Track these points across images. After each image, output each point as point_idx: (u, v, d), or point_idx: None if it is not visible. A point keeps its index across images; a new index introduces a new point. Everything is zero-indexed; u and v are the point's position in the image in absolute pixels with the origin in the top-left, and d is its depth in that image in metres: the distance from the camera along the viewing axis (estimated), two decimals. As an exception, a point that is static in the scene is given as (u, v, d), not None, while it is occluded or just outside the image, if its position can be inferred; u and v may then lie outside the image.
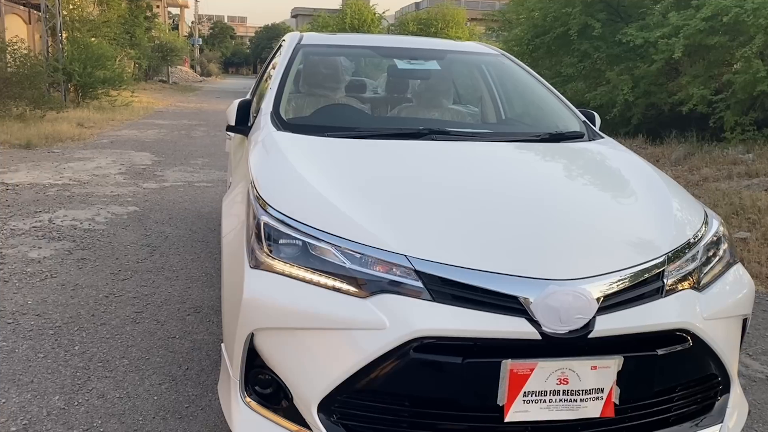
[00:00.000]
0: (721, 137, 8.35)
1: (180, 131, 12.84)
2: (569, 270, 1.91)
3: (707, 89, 8.24)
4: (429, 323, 1.82)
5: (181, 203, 6.50)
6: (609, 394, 1.90)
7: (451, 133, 2.91)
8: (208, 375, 2.97)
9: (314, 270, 1.97)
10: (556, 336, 1.84)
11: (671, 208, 2.33)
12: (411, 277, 1.89)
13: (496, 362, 1.82)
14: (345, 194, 2.18)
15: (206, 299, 3.91)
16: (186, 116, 16.34)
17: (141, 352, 3.18)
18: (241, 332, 2.02)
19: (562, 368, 1.86)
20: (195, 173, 8.22)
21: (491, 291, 1.86)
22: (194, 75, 42.18)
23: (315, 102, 3.50)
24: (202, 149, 10.41)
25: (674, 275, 2.05)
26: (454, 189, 2.28)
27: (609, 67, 9.98)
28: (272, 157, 2.52)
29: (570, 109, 3.34)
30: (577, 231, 2.10)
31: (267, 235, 2.08)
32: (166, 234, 5.34)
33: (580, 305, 1.85)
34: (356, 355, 1.85)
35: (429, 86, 3.81)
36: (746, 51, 7.50)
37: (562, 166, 2.65)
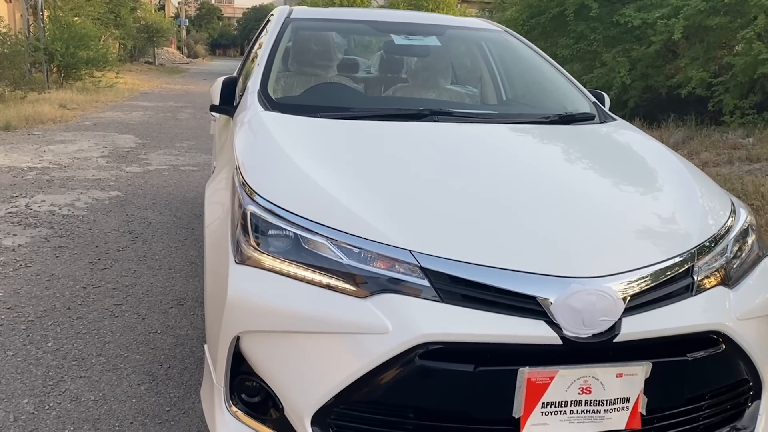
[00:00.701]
0: (720, 121, 8.18)
1: (166, 113, 12.52)
2: (592, 267, 1.71)
3: (706, 72, 8.05)
4: (437, 327, 1.62)
5: (166, 188, 6.25)
6: (635, 404, 1.71)
7: (455, 114, 2.69)
8: (192, 374, 2.76)
9: (307, 266, 1.76)
10: (579, 341, 1.64)
11: (697, 196, 2.14)
12: (416, 274, 1.69)
13: (512, 370, 1.63)
14: (341, 181, 1.97)
15: (190, 291, 3.69)
16: (172, 98, 15.98)
17: (119, 348, 2.96)
18: (226, 335, 1.81)
19: (585, 376, 1.66)
20: (180, 156, 7.96)
21: (506, 291, 1.65)
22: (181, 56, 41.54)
23: (305, 81, 3.27)
24: (188, 132, 10.12)
25: (704, 271, 1.86)
26: (462, 177, 2.07)
27: (606, 48, 9.75)
28: (260, 139, 2.30)
29: (579, 89, 3.13)
30: (599, 223, 1.90)
31: (254, 226, 1.87)
32: (149, 220, 5.10)
33: (605, 306, 1.65)
34: (355, 362, 1.65)
35: (428, 64, 3.58)
36: (748, 32, 7.30)
37: (578, 152, 2.44)
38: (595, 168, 2.27)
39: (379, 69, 3.92)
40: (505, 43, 3.53)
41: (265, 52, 2.97)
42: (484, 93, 3.60)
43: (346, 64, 3.75)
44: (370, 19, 3.42)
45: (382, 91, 3.56)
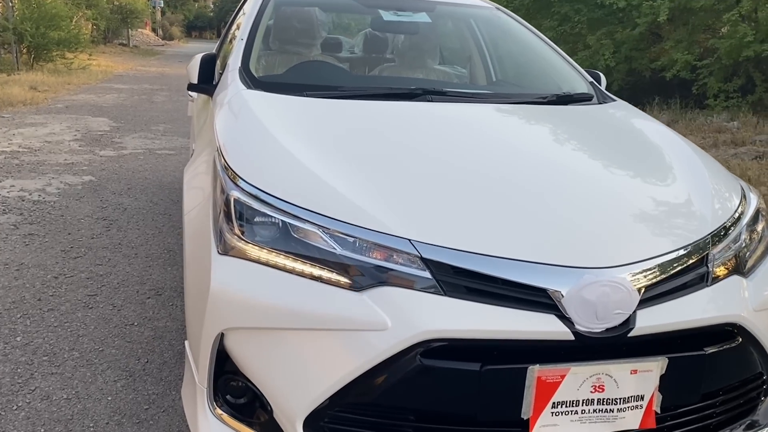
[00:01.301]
0: (704, 104, 8.13)
1: (141, 96, 12.20)
2: (605, 256, 1.59)
3: (691, 54, 7.98)
4: (440, 322, 1.49)
5: (142, 172, 6.04)
6: (650, 402, 1.60)
7: (448, 94, 2.55)
8: (171, 369, 2.61)
9: (297, 257, 1.62)
10: (592, 335, 1.53)
11: (708, 181, 2.03)
12: (416, 265, 1.55)
13: (521, 369, 1.50)
14: (332, 165, 1.82)
15: (168, 280, 3.53)
16: (147, 80, 15.60)
17: (94, 342, 2.80)
18: (209, 332, 1.66)
19: (598, 373, 1.55)
20: (156, 140, 7.72)
21: (515, 283, 1.53)
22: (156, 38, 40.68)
23: (288, 60, 3.10)
24: (164, 115, 9.85)
25: (718, 259, 1.75)
26: (462, 160, 1.93)
27: (590, 31, 9.65)
28: (243, 119, 2.14)
29: (575, 69, 3.01)
30: (609, 210, 1.78)
31: (238, 213, 1.72)
32: (124, 206, 4.91)
33: (620, 298, 1.53)
34: (351, 361, 1.52)
35: (416, 43, 3.43)
36: (733, 14, 7.24)
37: (581, 134, 2.31)
38: (600, 151, 2.14)
39: (363, 48, 3.75)
40: (498, 20, 3.39)
41: (245, 29, 2.80)
42: (475, 72, 3.47)
43: (330, 42, 3.58)
44: (357, -6, 3.26)
45: (367, 71, 3.40)
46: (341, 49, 3.73)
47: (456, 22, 3.69)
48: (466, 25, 3.66)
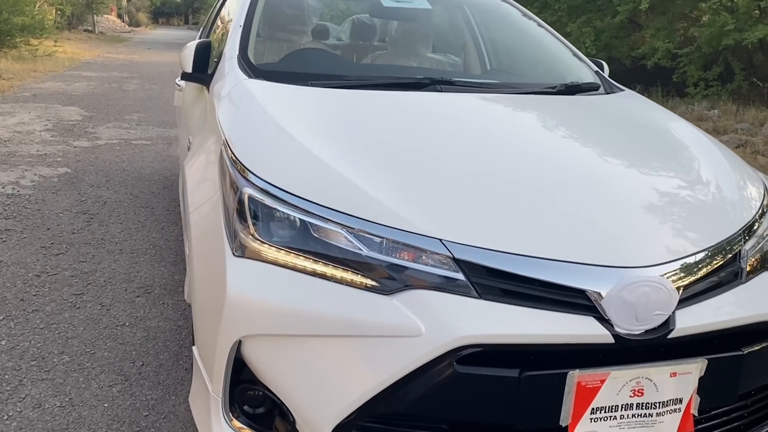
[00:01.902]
0: (684, 92, 8.17)
1: (111, 84, 11.86)
2: (643, 255, 1.52)
3: (671, 43, 8.00)
4: (477, 327, 1.41)
5: (119, 164, 5.84)
6: (688, 405, 1.55)
7: (457, 84, 2.46)
8: (168, 372, 2.50)
9: (319, 258, 1.53)
10: (632, 338, 1.47)
11: (732, 174, 1.98)
12: (448, 267, 1.47)
13: (561, 374, 1.44)
14: (350, 160, 1.72)
15: (157, 277, 3.39)
16: (116, 68, 15.20)
17: (84, 345, 2.67)
18: (226, 340, 1.56)
19: (638, 377, 1.49)
20: (131, 130, 7.49)
21: (552, 284, 1.46)
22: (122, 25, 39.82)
23: (283, 48, 2.97)
24: (136, 103, 9.58)
25: (750, 255, 1.70)
26: (485, 155, 1.85)
27: (570, 18, 9.63)
28: (249, 111, 2.03)
29: (579, 57, 2.95)
30: (640, 206, 1.71)
31: (253, 212, 1.61)
32: (104, 199, 4.73)
33: (660, 298, 1.47)
34: (381, 369, 1.43)
35: (416, 30, 3.32)
36: (714, 3, 7.27)
37: (599, 126, 2.24)
38: (621, 145, 2.07)
39: (351, 35, 3.62)
40: (499, 8, 3.31)
41: (240, 15, 2.67)
42: (479, 60, 3.38)
43: (326, 30, 3.47)
44: (355, -20, 3.15)
45: (362, 58, 3.30)
46: (344, 35, 3.61)
47: (458, 8, 3.59)
48: (470, 11, 3.57)
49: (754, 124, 6.99)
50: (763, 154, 5.91)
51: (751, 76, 8.00)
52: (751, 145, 6.10)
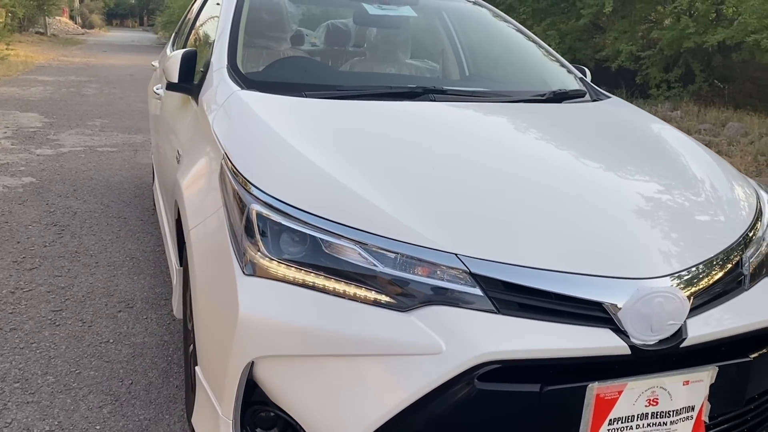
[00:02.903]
0: (648, 94, 8.36)
1: (69, 88, 11.56)
2: (655, 265, 1.54)
3: (634, 45, 8.18)
4: (498, 343, 1.41)
5: (86, 172, 5.69)
6: (699, 412, 1.57)
7: (449, 93, 2.46)
8: (159, 390, 2.43)
9: (332, 275, 1.50)
10: (647, 348, 1.48)
11: (726, 181, 2.02)
12: (465, 282, 1.46)
13: (581, 387, 1.44)
14: (357, 173, 1.70)
15: (137, 290, 3.31)
16: (73, 72, 14.82)
17: (68, 364, 2.58)
18: (238, 361, 1.53)
19: (653, 387, 1.51)
20: (95, 136, 7.31)
21: (570, 297, 1.46)
22: (75, 27, 38.83)
23: (267, 56, 2.93)
24: (97, 108, 9.36)
25: (751, 261, 1.74)
26: (490, 166, 1.84)
27: (535, 21, 9.76)
28: (247, 123, 1.98)
29: (563, 65, 2.98)
30: (645, 216, 1.73)
31: (261, 229, 1.58)
32: (73, 209, 4.60)
33: (673, 308, 1.49)
34: (402, 388, 1.41)
35: (391, 36, 3.31)
36: (676, 6, 7.45)
37: (597, 136, 2.26)
38: (621, 154, 2.09)
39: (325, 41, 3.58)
40: (478, 13, 3.32)
41: (225, 23, 2.61)
42: (458, 66, 3.38)
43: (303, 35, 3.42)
44: (338, -14, 3.12)
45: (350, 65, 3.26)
46: (338, 42, 3.55)
47: (429, 14, 3.59)
48: (439, 17, 3.57)
49: (716, 125, 7.18)
50: (727, 154, 6.07)
51: (711, 77, 8.23)
52: (715, 146, 6.26)
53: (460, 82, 3.18)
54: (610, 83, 8.80)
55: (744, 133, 6.87)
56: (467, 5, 3.47)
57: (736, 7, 7.71)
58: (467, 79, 3.28)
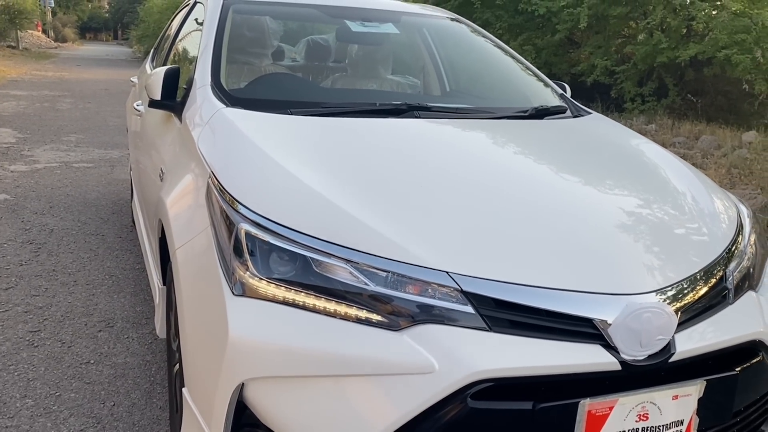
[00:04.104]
0: (623, 108, 8.49)
1: (43, 103, 11.40)
2: (643, 281, 1.56)
3: (609, 60, 8.31)
4: (491, 361, 1.41)
5: (62, 188, 5.60)
6: (688, 426, 1.59)
7: (433, 109, 2.47)
8: (143, 412, 2.39)
9: (322, 294, 1.49)
10: (636, 364, 1.49)
11: (708, 196, 2.05)
12: (456, 300, 1.47)
13: (573, 403, 1.45)
14: (345, 192, 1.70)
15: (117, 309, 3.26)
16: (46, 86, 14.63)
17: (48, 386, 2.52)
18: (228, 383, 1.51)
19: (643, 402, 1.52)
20: (71, 152, 7.21)
21: (561, 314, 1.47)
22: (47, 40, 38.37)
23: (254, 72, 2.92)
24: (73, 123, 9.24)
25: (734, 276, 1.77)
26: (477, 183, 1.85)
27: (511, 37, 9.87)
28: (233, 141, 1.97)
29: (543, 81, 3.02)
30: (632, 232, 1.75)
31: (250, 249, 1.57)
32: (50, 227, 4.52)
33: (661, 323, 1.51)
34: (395, 408, 1.41)
35: (372, 52, 3.33)
36: (649, 22, 7.59)
37: (580, 152, 2.28)
38: (605, 171, 2.12)
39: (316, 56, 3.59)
40: (461, 31, 3.35)
41: (208, 40, 2.60)
42: (438, 82, 3.40)
43: (283, 50, 3.43)
44: (321, 4, 3.12)
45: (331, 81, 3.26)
46: (320, 59, 3.55)
47: (410, 30, 3.61)
48: (420, 34, 3.59)
49: (690, 138, 7.31)
50: (701, 166, 6.18)
51: (684, 91, 8.39)
52: (689, 158, 6.37)
53: (443, 99, 3.20)
54: (586, 97, 8.92)
55: (717, 146, 7.00)
56: (447, 22, 3.50)
57: (706, 23, 7.89)
58: (449, 95, 3.30)
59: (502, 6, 9.60)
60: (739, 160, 6.39)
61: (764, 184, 5.57)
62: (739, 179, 5.92)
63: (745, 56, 7.50)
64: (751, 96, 8.15)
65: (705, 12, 7.84)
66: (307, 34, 3.47)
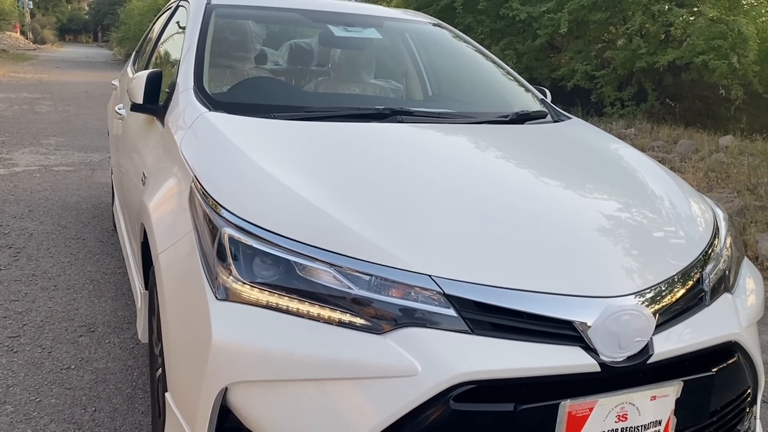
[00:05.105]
0: (603, 112, 8.58)
1: (21, 105, 11.30)
2: (622, 284, 1.59)
3: (589, 65, 8.40)
4: (473, 363, 1.42)
5: (41, 192, 5.55)
6: (666, 426, 1.61)
7: (416, 114, 2.49)
8: (125, 417, 2.38)
9: (305, 298, 1.50)
10: (615, 365, 1.52)
11: (685, 200, 2.09)
12: (439, 303, 1.48)
13: (554, 405, 1.47)
14: (328, 196, 1.70)
15: (99, 313, 3.24)
16: (25, 88, 14.49)
17: (28, 392, 2.50)
18: (211, 387, 1.51)
19: (622, 403, 1.54)
20: (50, 155, 7.15)
21: (541, 316, 1.49)
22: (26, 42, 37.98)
23: (237, 76, 2.92)
24: (52, 126, 9.16)
25: (711, 278, 1.80)
26: (459, 187, 1.87)
27: (493, 41, 9.95)
28: (216, 146, 1.97)
29: (524, 86, 3.05)
30: (610, 235, 1.77)
31: (234, 253, 1.57)
32: (29, 231, 4.48)
33: (640, 325, 1.53)
34: (378, 412, 1.42)
35: (355, 56, 3.34)
36: (629, 27, 7.69)
37: (560, 157, 2.30)
38: (585, 175, 2.15)
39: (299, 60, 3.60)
40: (443, 36, 3.38)
41: (191, 44, 2.60)
42: (421, 86, 3.43)
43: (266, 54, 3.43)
44: (303, 8, 3.12)
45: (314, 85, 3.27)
46: (303, 62, 3.56)
47: (393, 35, 3.63)
48: (402, 38, 3.61)
49: (668, 142, 7.42)
50: (679, 170, 6.27)
51: (662, 96, 8.50)
52: (668, 162, 6.46)
53: (425, 103, 3.22)
54: (566, 102, 9.02)
55: (695, 150, 7.10)
56: (429, 27, 3.52)
57: (684, 29, 8.01)
58: (431, 100, 3.33)
59: (484, 11, 9.67)
60: (716, 164, 6.49)
61: (740, 188, 5.66)
62: (716, 183, 6.01)
63: (722, 62, 7.64)
64: (728, 101, 8.29)
65: (683, 18, 7.97)
66: (290, 38, 3.48)
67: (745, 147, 7.03)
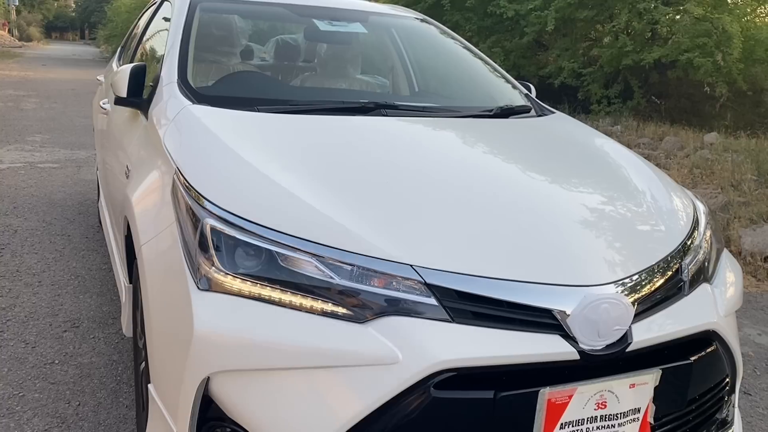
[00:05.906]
0: (589, 109, 8.63)
1: (6, 103, 11.21)
2: (602, 273, 1.60)
3: (576, 62, 8.45)
4: (454, 351, 1.44)
5: (26, 189, 5.52)
6: (645, 414, 1.63)
7: (400, 108, 2.50)
8: (109, 411, 2.37)
9: (288, 288, 1.51)
10: (594, 353, 1.54)
11: (666, 192, 2.11)
12: (420, 292, 1.49)
13: (533, 392, 1.48)
14: (312, 187, 1.71)
15: (83, 309, 3.23)
16: (10, 85, 14.37)
17: (11, 387, 2.49)
18: (194, 377, 1.51)
19: (602, 390, 1.56)
20: (36, 152, 7.10)
21: (521, 305, 1.51)
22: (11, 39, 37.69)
23: (221, 70, 2.92)
24: (38, 124, 9.10)
25: (690, 268, 1.83)
26: (442, 179, 1.88)
27: (480, 39, 9.98)
28: (199, 138, 1.98)
29: (509, 81, 3.07)
30: (591, 226, 1.80)
31: (216, 244, 1.58)
32: (14, 228, 4.45)
33: (619, 314, 1.55)
34: (360, 399, 1.43)
35: (342, 51, 3.35)
36: (615, 25, 7.73)
37: (544, 150, 2.33)
38: (567, 167, 2.17)
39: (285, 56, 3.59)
40: (427, 30, 3.39)
41: (175, 38, 2.59)
42: (407, 81, 3.44)
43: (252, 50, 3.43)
44: (289, 3, 3.12)
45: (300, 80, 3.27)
46: (287, 58, 3.55)
47: (379, 30, 3.64)
48: (389, 34, 3.62)
49: (654, 139, 7.47)
50: (665, 166, 6.31)
51: (648, 93, 8.57)
52: (653, 159, 6.51)
53: (410, 98, 3.23)
54: (554, 99, 9.06)
55: (680, 147, 7.16)
56: (416, 23, 3.54)
57: (670, 27, 8.08)
58: (417, 95, 3.34)
59: (472, 8, 9.70)
60: (701, 160, 6.55)
61: (724, 184, 5.72)
62: (700, 179, 6.07)
63: (707, 59, 7.70)
64: (713, 98, 8.36)
65: (668, 16, 8.03)
66: (276, 34, 3.48)
67: (730, 144, 7.10)
